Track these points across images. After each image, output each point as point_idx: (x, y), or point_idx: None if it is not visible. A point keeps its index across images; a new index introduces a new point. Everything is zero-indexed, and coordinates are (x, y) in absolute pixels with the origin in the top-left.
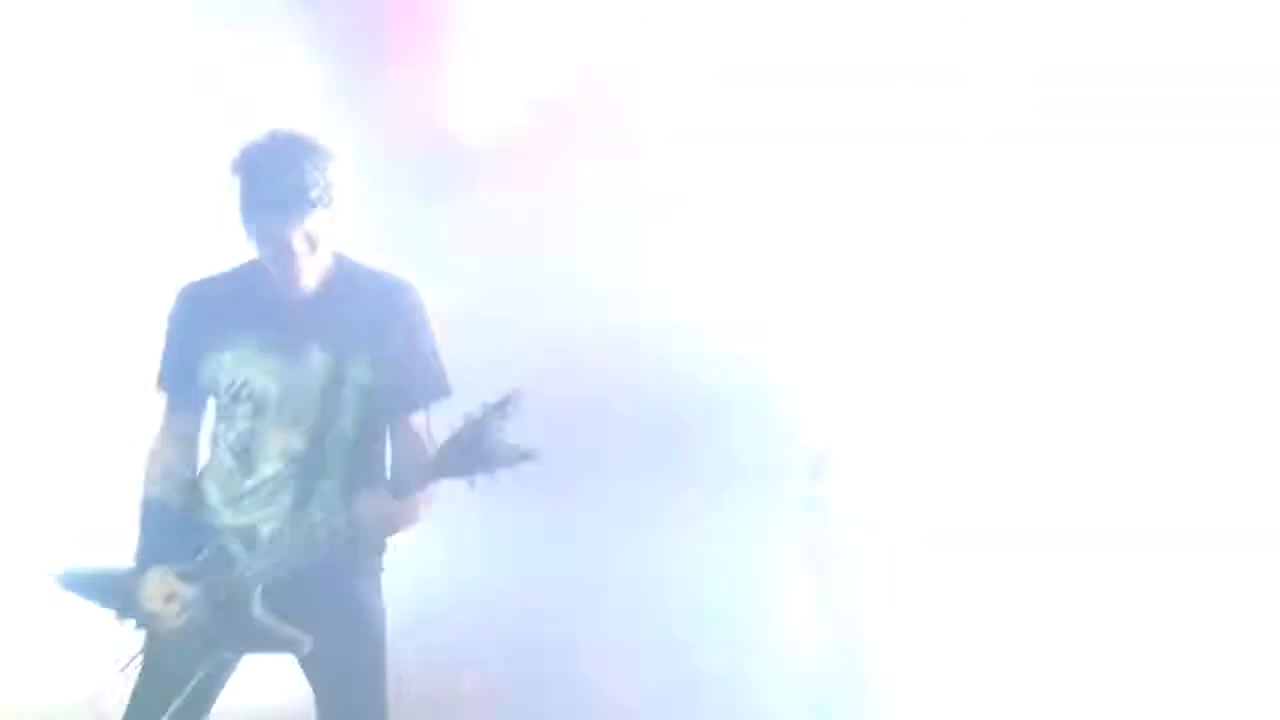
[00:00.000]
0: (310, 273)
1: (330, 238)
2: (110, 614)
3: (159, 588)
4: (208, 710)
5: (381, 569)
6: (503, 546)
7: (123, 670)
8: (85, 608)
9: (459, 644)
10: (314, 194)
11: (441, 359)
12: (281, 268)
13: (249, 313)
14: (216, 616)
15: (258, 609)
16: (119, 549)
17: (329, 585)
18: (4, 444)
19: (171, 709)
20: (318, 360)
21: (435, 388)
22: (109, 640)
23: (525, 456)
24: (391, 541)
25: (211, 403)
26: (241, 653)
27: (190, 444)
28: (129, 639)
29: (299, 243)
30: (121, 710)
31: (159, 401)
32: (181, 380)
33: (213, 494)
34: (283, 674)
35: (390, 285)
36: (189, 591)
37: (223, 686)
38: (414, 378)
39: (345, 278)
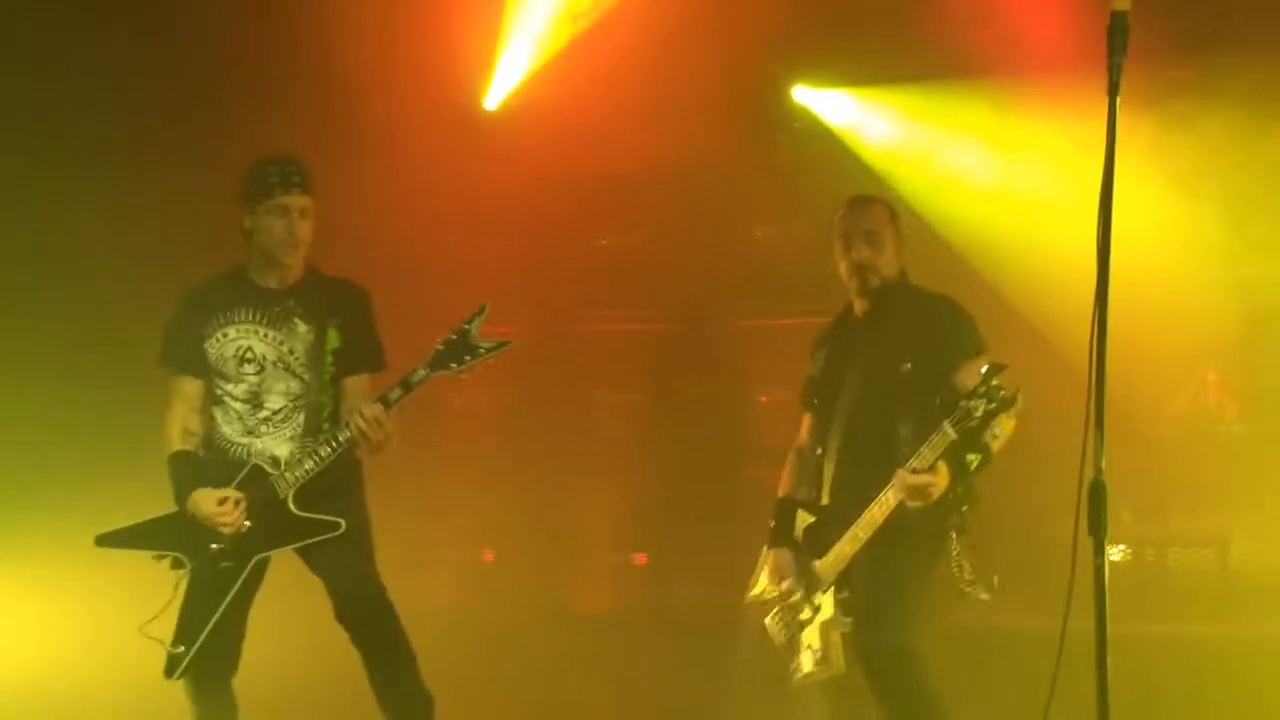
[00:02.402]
0: (293, 263)
1: (312, 221)
2: (152, 554)
3: (209, 498)
4: (246, 611)
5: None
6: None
7: (175, 589)
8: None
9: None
10: (308, 182)
11: (381, 342)
12: (282, 236)
13: (243, 300)
14: (260, 519)
15: (294, 508)
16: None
17: (334, 484)
18: None
19: (219, 612)
20: (303, 329)
21: (377, 362)
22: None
23: (500, 345)
24: None
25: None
26: (286, 545)
27: (195, 406)
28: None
29: (300, 212)
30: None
31: (166, 379)
32: (189, 357)
33: (229, 431)
34: None
35: (350, 284)
36: (235, 495)
37: (256, 590)
38: (365, 353)
39: (314, 277)
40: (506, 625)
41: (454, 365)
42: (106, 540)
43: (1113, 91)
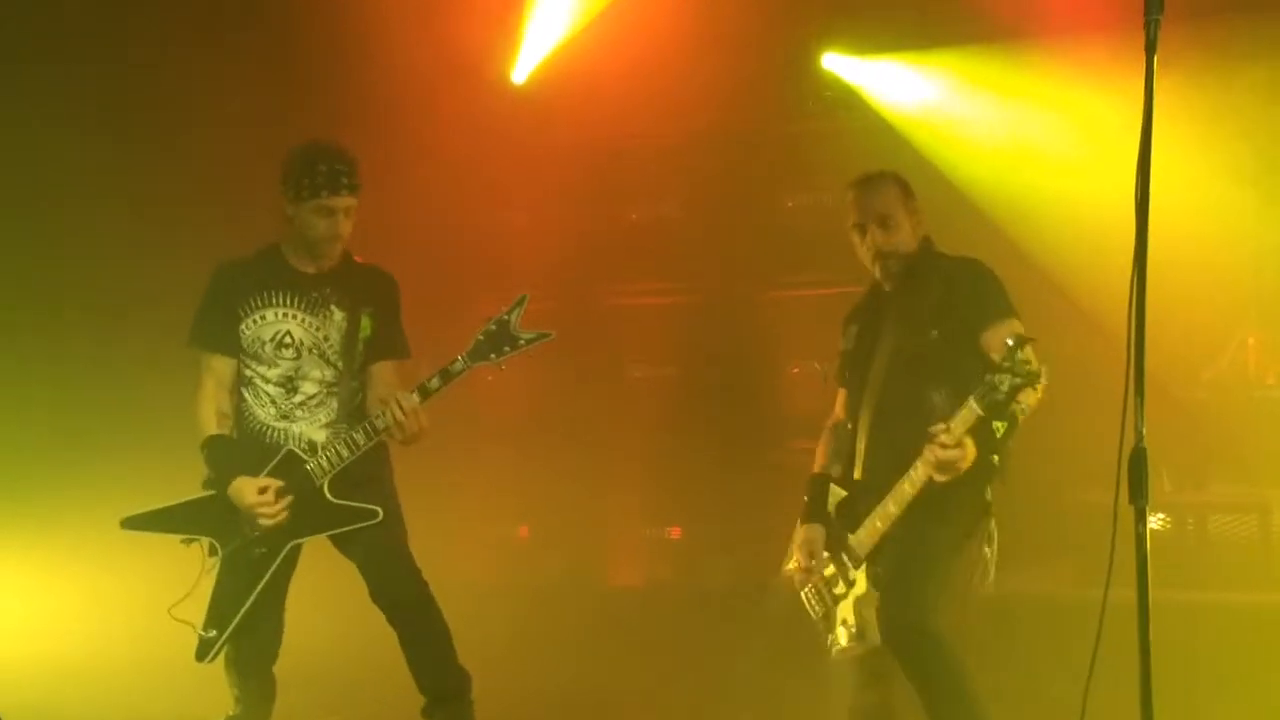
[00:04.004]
0: (333, 255)
1: (354, 218)
2: (181, 538)
3: (250, 487)
4: (283, 596)
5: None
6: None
7: (207, 573)
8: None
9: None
10: (356, 181)
11: (404, 332)
12: (325, 234)
13: (281, 283)
14: (296, 506)
15: (329, 495)
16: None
17: (367, 470)
18: None
19: (252, 597)
20: (339, 317)
21: (404, 350)
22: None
23: (542, 337)
24: None
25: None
26: (322, 532)
27: (229, 387)
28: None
29: (345, 212)
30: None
31: (198, 359)
32: (223, 336)
33: (264, 415)
34: None
35: (381, 272)
36: (276, 484)
37: (290, 575)
38: (392, 341)
39: (348, 263)
40: (541, 601)
41: (493, 356)
42: (133, 523)
43: (1150, 49)
